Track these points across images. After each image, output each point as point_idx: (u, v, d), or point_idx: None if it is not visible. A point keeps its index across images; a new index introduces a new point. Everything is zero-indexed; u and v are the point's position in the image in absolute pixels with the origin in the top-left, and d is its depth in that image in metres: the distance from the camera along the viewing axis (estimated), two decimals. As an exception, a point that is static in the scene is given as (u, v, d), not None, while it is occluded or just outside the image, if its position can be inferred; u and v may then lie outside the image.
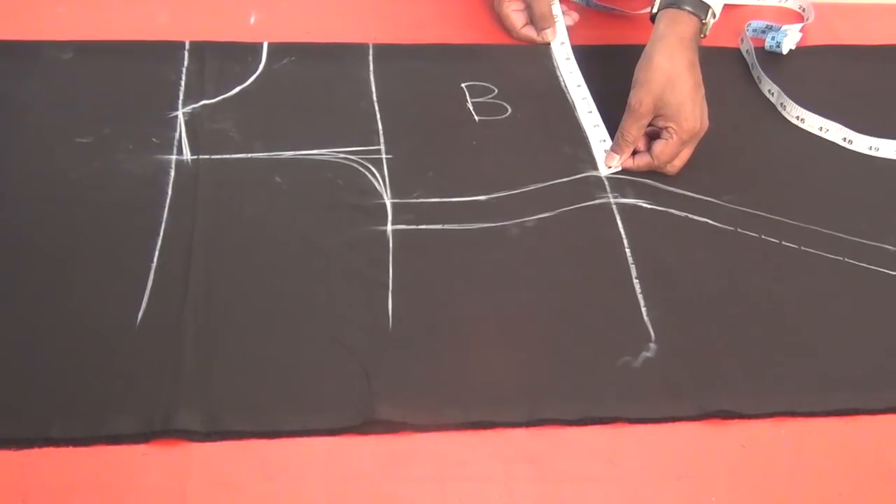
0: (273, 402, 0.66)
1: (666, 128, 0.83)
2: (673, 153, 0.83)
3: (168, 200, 0.79)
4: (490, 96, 0.93)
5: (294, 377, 0.68)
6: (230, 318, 0.71)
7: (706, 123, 0.83)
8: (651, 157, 0.84)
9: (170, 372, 0.67)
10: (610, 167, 0.85)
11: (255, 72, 0.92)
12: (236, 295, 0.72)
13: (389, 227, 0.78)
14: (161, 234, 0.76)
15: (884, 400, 0.70)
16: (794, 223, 0.82)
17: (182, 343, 0.68)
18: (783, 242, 0.81)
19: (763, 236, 0.81)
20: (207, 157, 0.83)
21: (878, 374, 0.71)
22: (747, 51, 1.01)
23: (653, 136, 0.85)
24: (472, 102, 0.92)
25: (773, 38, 1.02)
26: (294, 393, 0.67)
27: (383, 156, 0.85)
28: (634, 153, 0.85)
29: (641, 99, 0.82)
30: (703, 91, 0.83)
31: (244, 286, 0.73)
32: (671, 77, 0.81)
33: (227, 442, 0.64)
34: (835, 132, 0.92)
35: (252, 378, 0.67)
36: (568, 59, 0.97)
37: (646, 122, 0.83)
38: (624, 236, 0.80)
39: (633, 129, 0.83)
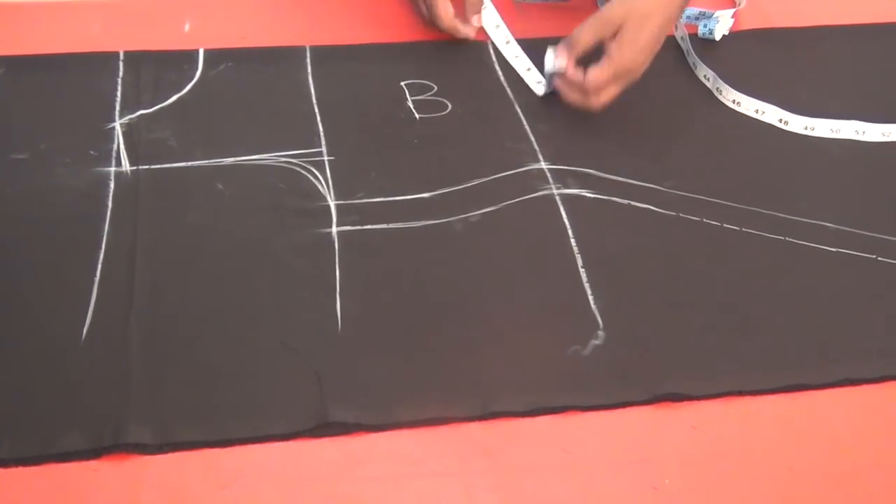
0: (224, 410, 0.66)
1: (608, 53, 0.85)
2: (604, 81, 0.85)
3: (109, 213, 0.78)
4: (430, 94, 0.93)
5: (245, 384, 0.67)
6: (177, 328, 0.70)
7: (641, 70, 0.86)
8: (584, 79, 0.86)
9: (118, 385, 0.66)
10: (555, 65, 0.88)
11: (191, 79, 0.91)
12: (182, 304, 0.72)
13: (334, 229, 0.78)
14: (103, 246, 0.75)
15: (828, 374, 0.71)
16: (735, 205, 0.83)
17: (129, 355, 0.68)
18: (725, 225, 0.82)
19: (705, 220, 0.82)
20: (147, 167, 0.82)
21: (821, 350, 0.73)
22: (682, 37, 1.03)
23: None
24: (412, 100, 0.92)
25: (704, 26, 1.03)
26: (245, 399, 0.66)
27: (325, 158, 0.84)
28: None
29: (615, 8, 0.85)
30: (658, 47, 0.87)
31: (190, 295, 0.73)
32: (647, 11, 0.85)
33: (179, 453, 0.63)
34: (771, 114, 0.94)
35: (202, 387, 0.67)
36: (508, 42, 0.98)
37: (603, 33, 0.85)
38: (568, 226, 0.80)
39: (589, 33, 0.86)
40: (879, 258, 0.80)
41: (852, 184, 0.88)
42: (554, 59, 0.88)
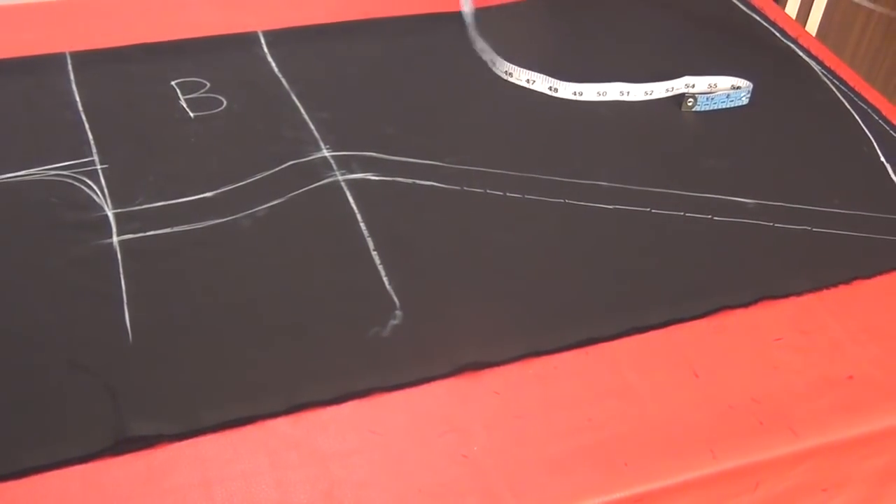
0: (14, 440, 0.62)
1: None
2: None
3: None
4: (202, 91, 0.91)
5: (33, 410, 0.64)
6: (-47, 362, 0.66)
7: None
8: None
9: None
10: None
11: (-58, 97, 0.86)
12: (-44, 336, 0.68)
13: (115, 239, 0.75)
14: None
15: (616, 325, 0.74)
16: (515, 174, 0.86)
17: None
18: (507, 194, 0.84)
19: (488, 190, 0.84)
20: None
21: (608, 302, 0.76)
22: (466, 13, 1.05)
23: None
24: (185, 99, 0.89)
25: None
26: (36, 426, 0.63)
27: (98, 166, 0.81)
28: None
29: None
30: None
31: (-37, 325, 0.68)
32: None
33: (-31, 493, 0.60)
34: (541, 83, 0.97)
35: (-13, 420, 0.63)
36: None
37: None
38: (356, 211, 0.80)
39: None
40: (653, 210, 0.84)
41: (621, 142, 0.92)
42: None
